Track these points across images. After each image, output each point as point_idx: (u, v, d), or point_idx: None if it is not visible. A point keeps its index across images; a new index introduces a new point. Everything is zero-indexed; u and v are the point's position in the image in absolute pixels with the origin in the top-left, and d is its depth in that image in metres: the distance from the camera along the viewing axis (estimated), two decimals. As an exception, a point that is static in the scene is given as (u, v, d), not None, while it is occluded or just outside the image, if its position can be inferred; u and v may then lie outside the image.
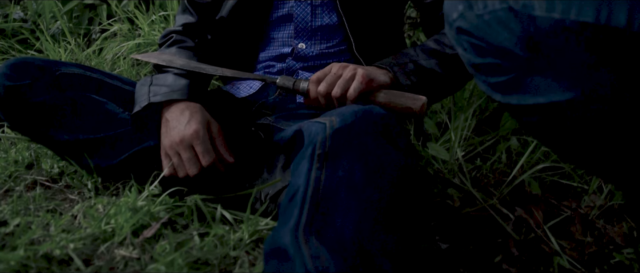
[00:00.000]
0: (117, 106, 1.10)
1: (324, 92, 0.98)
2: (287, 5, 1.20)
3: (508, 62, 0.54)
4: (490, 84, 0.59)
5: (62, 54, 1.73)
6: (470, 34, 0.56)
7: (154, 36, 1.74)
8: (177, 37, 1.24)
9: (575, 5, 0.47)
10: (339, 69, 0.99)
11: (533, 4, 0.50)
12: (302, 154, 0.74)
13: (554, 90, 0.53)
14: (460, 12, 0.57)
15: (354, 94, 0.96)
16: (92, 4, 2.14)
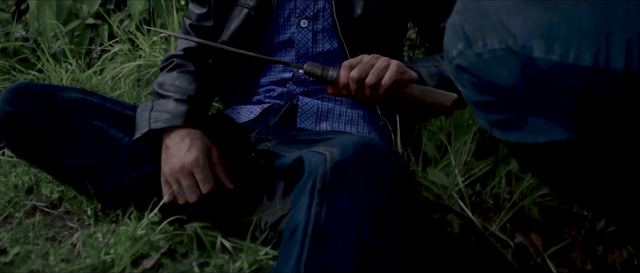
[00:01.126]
0: (117, 131, 1.10)
1: (357, 78, 0.99)
2: (289, 30, 1.21)
3: (507, 101, 0.55)
4: (490, 121, 0.59)
5: (63, 75, 1.74)
6: (470, 72, 0.57)
7: (154, 57, 1.75)
8: (178, 61, 1.24)
9: (574, 49, 0.48)
10: (372, 58, 1.01)
11: (532, 46, 0.50)
12: (303, 187, 0.74)
13: (553, 130, 0.53)
14: (460, 50, 0.57)
15: (389, 82, 0.97)
16: (94, 24, 2.15)
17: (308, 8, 1.20)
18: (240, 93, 1.25)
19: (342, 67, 1.02)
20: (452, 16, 0.60)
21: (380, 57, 1.01)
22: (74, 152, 1.06)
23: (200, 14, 1.27)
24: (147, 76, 1.74)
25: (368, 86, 0.98)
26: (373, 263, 0.66)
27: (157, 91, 1.18)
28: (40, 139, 1.05)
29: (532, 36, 0.50)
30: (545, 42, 0.49)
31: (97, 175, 1.08)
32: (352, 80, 0.99)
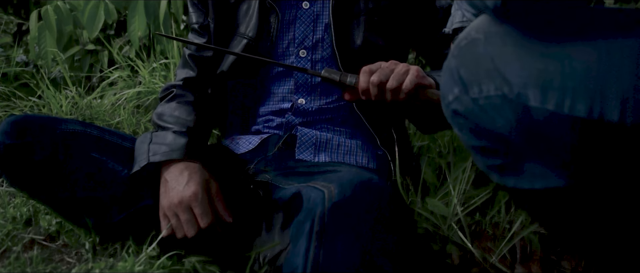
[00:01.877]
0: (116, 163, 1.10)
1: (378, 82, 0.99)
2: (288, 60, 1.22)
3: (504, 147, 0.55)
4: (487, 166, 0.59)
5: (63, 101, 1.75)
6: (466, 117, 0.57)
7: (154, 84, 1.76)
8: (177, 91, 1.25)
9: (569, 99, 0.48)
10: (391, 64, 1.01)
11: (527, 94, 0.51)
12: (301, 226, 0.74)
13: (550, 177, 0.53)
14: (456, 95, 0.58)
15: (410, 86, 0.98)
16: (94, 50, 2.16)
17: (307, 38, 1.21)
18: (239, 123, 1.26)
19: (361, 73, 1.02)
20: (449, 60, 0.61)
21: (398, 62, 1.02)
22: (73, 185, 1.06)
23: (199, 44, 1.28)
24: (146, 102, 1.74)
25: (389, 90, 0.99)
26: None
27: (156, 122, 1.18)
28: (39, 172, 1.05)
29: (528, 85, 0.51)
30: (541, 92, 0.50)
31: (96, 207, 1.08)
32: (372, 84, 1.00)
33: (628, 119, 0.45)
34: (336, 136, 1.19)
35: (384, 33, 1.21)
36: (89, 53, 2.17)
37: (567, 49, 0.49)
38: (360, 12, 1.20)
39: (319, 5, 1.22)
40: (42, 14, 2.23)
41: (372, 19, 1.19)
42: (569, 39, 0.50)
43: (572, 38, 0.50)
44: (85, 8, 2.14)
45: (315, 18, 1.21)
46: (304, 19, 1.22)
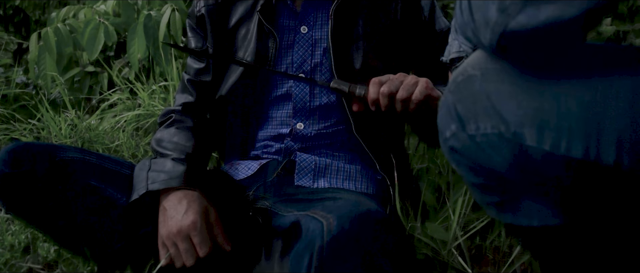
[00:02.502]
0: (115, 191, 1.10)
1: (388, 92, 1.00)
2: (286, 84, 1.22)
3: (501, 185, 0.55)
4: (485, 202, 0.59)
5: (62, 124, 1.75)
6: (463, 154, 0.57)
7: (153, 107, 1.76)
8: (176, 117, 1.25)
9: (565, 140, 0.48)
10: (400, 75, 1.03)
11: (523, 134, 0.51)
12: (300, 259, 0.74)
13: (546, 215, 0.53)
14: (453, 131, 0.58)
15: (420, 97, 0.99)
16: (93, 71, 2.17)
17: (305, 62, 1.21)
18: (238, 147, 1.25)
19: (371, 84, 1.03)
20: (446, 95, 0.61)
21: (406, 74, 1.03)
22: (71, 213, 1.06)
23: (198, 69, 1.29)
24: (146, 125, 1.74)
25: (399, 100, 1.00)
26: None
27: (155, 148, 1.18)
28: (37, 201, 1.05)
29: (524, 124, 0.51)
30: (537, 132, 0.50)
31: (94, 235, 1.07)
32: (382, 95, 1.01)
33: (624, 162, 0.45)
34: (335, 161, 1.18)
35: (383, 57, 1.21)
36: (88, 75, 2.18)
37: (563, 88, 0.49)
38: (359, 37, 1.20)
39: (317, 30, 1.22)
40: (42, 35, 2.24)
41: (370, 43, 1.20)
42: (565, 78, 0.50)
43: (568, 76, 0.50)
44: (85, 30, 2.15)
45: (314, 43, 1.22)
46: (302, 43, 1.22)
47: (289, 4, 1.22)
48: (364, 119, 1.18)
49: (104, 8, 2.42)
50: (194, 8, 1.30)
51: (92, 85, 2.18)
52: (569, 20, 0.45)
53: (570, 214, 0.51)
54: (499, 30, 0.48)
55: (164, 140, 1.18)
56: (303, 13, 1.23)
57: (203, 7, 1.27)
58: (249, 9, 1.25)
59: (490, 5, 0.49)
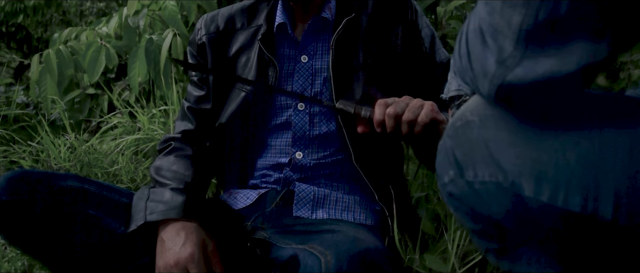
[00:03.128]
0: (113, 220, 1.10)
1: (394, 114, 1.00)
2: (286, 113, 1.22)
3: (499, 232, 0.55)
4: (484, 248, 0.59)
5: (62, 148, 1.75)
6: (462, 201, 0.57)
7: (153, 131, 1.76)
8: (175, 144, 1.25)
9: (562, 193, 0.48)
10: (405, 98, 1.04)
11: (521, 184, 0.51)
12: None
13: (544, 264, 0.53)
14: (451, 177, 0.58)
15: (426, 119, 0.99)
16: (94, 94, 2.18)
17: (305, 91, 1.22)
18: (237, 175, 1.25)
19: (377, 105, 1.04)
20: (444, 139, 0.61)
21: (412, 97, 1.04)
22: (69, 242, 1.06)
23: (198, 97, 1.29)
24: (145, 149, 1.74)
25: (405, 122, 1.00)
26: None
27: (154, 177, 1.18)
28: (35, 229, 1.05)
29: (522, 174, 0.51)
30: (535, 183, 0.50)
31: (92, 265, 1.07)
32: (388, 116, 1.01)
33: (621, 218, 0.45)
34: (334, 191, 1.18)
35: (383, 87, 1.21)
36: (89, 97, 2.19)
37: (561, 139, 0.50)
38: (359, 67, 1.21)
39: (317, 59, 1.23)
40: (43, 57, 2.26)
41: (371, 74, 1.21)
42: (563, 129, 0.50)
43: (566, 127, 0.50)
44: (87, 52, 2.16)
45: (314, 72, 1.23)
46: (302, 72, 1.23)
47: (290, 34, 1.23)
48: (363, 149, 1.18)
49: (106, 30, 2.44)
50: (195, 36, 1.31)
51: (92, 107, 2.18)
52: (567, 75, 0.45)
53: (568, 265, 0.51)
54: (497, 82, 0.49)
55: (163, 168, 1.19)
56: (304, 42, 1.23)
57: (204, 35, 1.28)
58: (250, 37, 1.26)
59: (489, 57, 0.49)
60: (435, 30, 1.67)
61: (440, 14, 1.51)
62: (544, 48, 0.46)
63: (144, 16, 2.05)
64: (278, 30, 1.24)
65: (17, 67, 3.68)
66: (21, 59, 3.64)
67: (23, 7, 6.24)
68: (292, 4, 1.23)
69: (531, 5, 0.44)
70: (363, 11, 1.24)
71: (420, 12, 1.28)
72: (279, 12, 1.24)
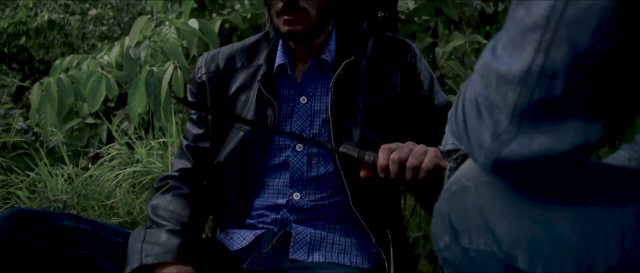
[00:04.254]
0: (108, 261, 1.09)
1: (398, 159, 1.00)
2: (284, 154, 1.22)
3: (494, 301, 0.55)
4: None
5: (59, 179, 1.75)
6: (457, 267, 0.57)
7: (151, 164, 1.76)
8: (173, 183, 1.25)
9: (556, 268, 0.48)
10: (409, 144, 1.03)
11: (515, 256, 0.51)
12: None
13: None
14: (447, 243, 0.58)
15: (430, 166, 0.99)
16: (93, 123, 2.18)
17: (304, 133, 1.22)
18: (234, 215, 1.25)
19: (380, 150, 1.03)
20: (440, 202, 0.61)
21: (415, 143, 1.04)
22: (63, 283, 1.05)
23: (196, 135, 1.29)
24: (143, 182, 1.74)
25: (409, 168, 1.00)
26: None
27: (150, 216, 1.18)
28: (30, 269, 1.04)
29: (516, 246, 0.51)
30: (529, 256, 0.50)
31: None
32: (392, 162, 1.01)
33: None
34: (331, 234, 1.18)
35: (382, 130, 1.22)
36: (88, 126, 2.19)
37: (556, 213, 0.50)
38: (358, 110, 1.21)
39: (316, 100, 1.24)
40: (44, 85, 2.26)
41: (370, 116, 1.21)
42: (558, 202, 0.50)
43: (561, 201, 0.50)
44: (88, 82, 2.17)
45: (313, 113, 1.23)
46: (301, 113, 1.23)
47: (290, 74, 1.24)
48: (361, 192, 1.18)
49: (108, 58, 2.45)
50: (195, 74, 1.31)
51: (91, 136, 2.18)
52: (561, 153, 0.46)
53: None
54: (492, 156, 0.49)
55: (159, 208, 1.18)
56: (303, 84, 1.24)
57: (204, 74, 1.29)
58: (250, 77, 1.27)
59: (484, 130, 0.50)
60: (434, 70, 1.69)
61: (438, 54, 1.53)
62: (539, 124, 0.46)
63: (145, 47, 2.07)
64: (278, 71, 1.25)
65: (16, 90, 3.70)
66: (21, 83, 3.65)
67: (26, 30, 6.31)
68: (294, 46, 1.24)
69: (526, 84, 0.45)
70: (362, 53, 1.25)
71: (419, 55, 1.29)
72: (279, 52, 1.25)
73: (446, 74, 1.52)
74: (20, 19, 6.27)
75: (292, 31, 1.16)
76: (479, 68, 0.51)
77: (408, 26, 1.54)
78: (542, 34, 0.43)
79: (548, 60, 0.43)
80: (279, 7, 1.15)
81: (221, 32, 2.55)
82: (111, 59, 2.41)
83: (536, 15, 0.43)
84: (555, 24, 0.42)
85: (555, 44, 0.42)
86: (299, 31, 1.16)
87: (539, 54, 0.44)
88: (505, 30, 0.48)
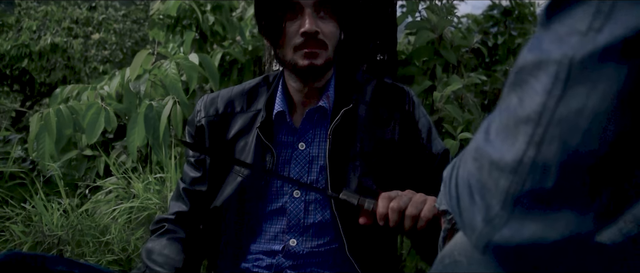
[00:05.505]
0: (100, 308, 1.08)
1: (397, 208, 1.00)
2: (281, 200, 1.22)
3: None
4: None
5: (55, 214, 1.74)
6: None
7: (148, 200, 1.76)
8: (169, 226, 1.25)
9: None
10: (408, 192, 1.03)
11: None
12: None
13: None
14: None
15: (429, 215, 0.99)
16: (91, 155, 2.18)
17: (302, 179, 1.22)
18: (229, 258, 1.24)
19: (380, 198, 1.03)
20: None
21: (415, 192, 1.04)
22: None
23: (194, 178, 1.29)
24: (139, 218, 1.74)
25: (409, 216, 1.00)
26: None
27: (145, 261, 1.18)
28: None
29: None
30: None
31: None
32: (392, 210, 1.01)
33: None
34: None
35: (379, 178, 1.22)
36: (86, 158, 2.19)
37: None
38: (356, 157, 1.21)
39: (315, 147, 1.24)
40: (43, 116, 2.27)
41: (368, 164, 1.21)
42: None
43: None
44: (87, 113, 2.18)
45: (311, 160, 1.23)
46: (299, 159, 1.24)
47: (288, 121, 1.24)
48: (357, 240, 1.18)
49: (108, 89, 2.46)
50: (194, 117, 1.32)
51: (89, 168, 2.18)
52: (553, 242, 0.45)
53: None
54: (483, 240, 0.49)
55: (154, 252, 1.18)
56: (301, 130, 1.25)
57: (203, 117, 1.30)
58: (249, 122, 1.27)
59: (476, 214, 0.49)
60: (432, 114, 1.69)
61: (436, 98, 1.54)
62: (531, 212, 0.46)
63: (145, 81, 2.08)
64: (277, 117, 1.25)
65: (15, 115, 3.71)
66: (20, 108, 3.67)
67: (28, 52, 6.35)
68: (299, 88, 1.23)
69: (518, 174, 0.45)
70: (361, 101, 1.26)
71: (417, 102, 1.30)
72: (278, 99, 1.26)
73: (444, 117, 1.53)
74: (23, 42, 6.32)
75: (314, 65, 1.15)
76: (472, 150, 0.51)
77: (407, 68, 1.55)
78: (534, 128, 0.43)
79: (540, 154, 0.43)
80: (298, 41, 1.15)
81: (221, 65, 2.57)
82: (111, 90, 2.42)
83: (528, 109, 0.43)
84: (547, 121, 0.42)
85: (547, 140, 0.42)
86: (319, 65, 1.16)
87: (530, 147, 0.44)
88: (499, 114, 0.48)
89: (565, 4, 0.41)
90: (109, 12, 6.90)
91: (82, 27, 6.97)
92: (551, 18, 0.43)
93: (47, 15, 6.76)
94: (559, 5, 0.42)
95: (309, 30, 1.13)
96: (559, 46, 0.41)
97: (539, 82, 0.43)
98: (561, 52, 0.40)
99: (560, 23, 0.42)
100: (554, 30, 0.42)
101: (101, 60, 6.62)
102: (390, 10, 1.55)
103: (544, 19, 0.44)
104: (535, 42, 0.44)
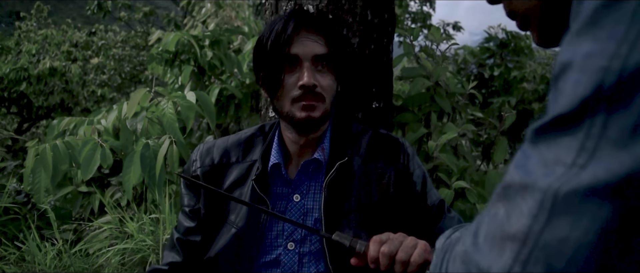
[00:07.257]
0: None
1: (388, 252, 1.00)
2: (275, 251, 1.22)
3: None
4: None
5: (49, 255, 1.73)
6: None
7: (142, 242, 1.75)
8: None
9: None
10: (399, 236, 1.03)
11: None
12: None
13: None
14: None
15: (419, 260, 0.98)
16: (87, 192, 2.18)
17: (296, 231, 1.22)
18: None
19: (371, 242, 1.03)
20: None
21: (407, 236, 1.03)
22: None
23: (188, 228, 1.29)
24: (132, 261, 1.73)
25: (399, 261, 1.00)
26: None
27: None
28: None
29: None
30: None
31: None
32: (382, 254, 1.01)
33: None
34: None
35: (374, 229, 1.22)
36: (81, 194, 2.19)
37: None
38: (351, 209, 1.21)
39: (309, 199, 1.24)
40: (39, 151, 2.27)
41: (362, 216, 1.21)
42: None
43: None
44: (83, 149, 2.18)
45: (306, 212, 1.23)
46: (294, 211, 1.23)
47: (283, 173, 1.25)
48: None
49: (105, 123, 2.46)
50: (189, 167, 1.32)
51: (84, 204, 2.17)
52: None
53: None
54: None
55: (147, 305, 1.17)
56: (296, 182, 1.25)
57: (198, 168, 1.30)
58: (244, 172, 1.27)
59: None
60: (427, 162, 1.70)
61: (431, 147, 1.54)
62: None
63: (142, 119, 2.08)
64: (272, 169, 1.25)
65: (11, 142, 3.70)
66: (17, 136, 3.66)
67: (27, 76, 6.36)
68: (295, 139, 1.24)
69: None
70: (356, 153, 1.26)
71: (412, 153, 1.30)
72: (274, 150, 1.26)
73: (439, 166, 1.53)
74: (22, 66, 6.33)
75: (311, 117, 1.16)
76: (461, 253, 0.51)
77: (403, 115, 1.55)
78: (520, 247, 0.44)
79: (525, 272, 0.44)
80: (296, 93, 1.16)
81: (219, 99, 2.57)
82: (108, 124, 2.42)
83: (515, 228, 0.44)
84: (532, 244, 0.42)
85: (532, 260, 0.43)
86: (317, 118, 1.17)
87: (516, 264, 0.44)
88: (488, 220, 0.48)
89: (552, 130, 0.42)
90: (108, 36, 6.93)
91: (81, 51, 7.00)
92: (539, 138, 0.44)
93: (46, 39, 6.79)
94: (547, 131, 0.42)
95: (307, 83, 1.14)
96: (545, 173, 0.41)
97: (525, 204, 0.43)
98: (547, 182, 0.41)
99: (548, 148, 0.42)
100: (540, 153, 0.43)
101: (99, 84, 6.63)
102: (386, 58, 1.56)
103: (533, 136, 0.44)
104: (522, 160, 0.45)
